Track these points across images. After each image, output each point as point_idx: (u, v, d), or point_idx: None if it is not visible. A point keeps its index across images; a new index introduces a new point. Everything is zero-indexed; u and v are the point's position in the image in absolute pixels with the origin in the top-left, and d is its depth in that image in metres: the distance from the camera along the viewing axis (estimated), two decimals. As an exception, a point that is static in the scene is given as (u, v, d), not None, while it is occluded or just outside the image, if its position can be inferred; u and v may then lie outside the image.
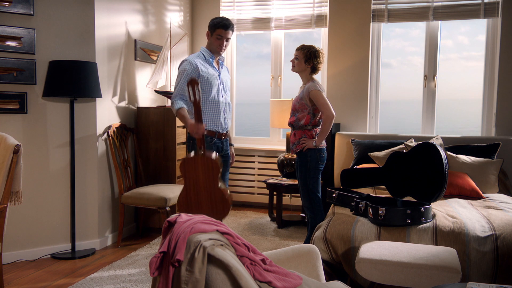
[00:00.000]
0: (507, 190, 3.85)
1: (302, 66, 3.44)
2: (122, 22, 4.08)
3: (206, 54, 3.19)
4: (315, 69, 3.45)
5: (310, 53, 3.40)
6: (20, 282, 3.09)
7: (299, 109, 3.43)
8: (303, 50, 3.42)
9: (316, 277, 1.94)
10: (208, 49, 3.22)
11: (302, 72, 3.47)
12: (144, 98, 4.50)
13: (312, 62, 3.41)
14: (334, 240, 2.81)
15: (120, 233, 3.90)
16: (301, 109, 3.42)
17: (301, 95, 3.43)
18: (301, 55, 3.43)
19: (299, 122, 3.43)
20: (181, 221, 1.51)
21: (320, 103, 3.34)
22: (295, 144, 3.48)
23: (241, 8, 5.24)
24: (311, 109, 3.41)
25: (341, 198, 3.33)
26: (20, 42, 3.40)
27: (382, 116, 4.99)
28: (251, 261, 1.53)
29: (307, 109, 3.41)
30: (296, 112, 3.46)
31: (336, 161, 4.64)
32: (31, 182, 3.52)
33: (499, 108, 4.42)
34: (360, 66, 4.83)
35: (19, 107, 3.44)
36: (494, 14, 4.42)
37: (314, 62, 3.41)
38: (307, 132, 3.45)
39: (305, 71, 3.46)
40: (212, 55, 3.20)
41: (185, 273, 1.33)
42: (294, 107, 3.48)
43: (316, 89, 3.34)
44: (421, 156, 3.20)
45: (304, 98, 3.40)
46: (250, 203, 5.32)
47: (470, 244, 2.61)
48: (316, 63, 3.42)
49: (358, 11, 4.78)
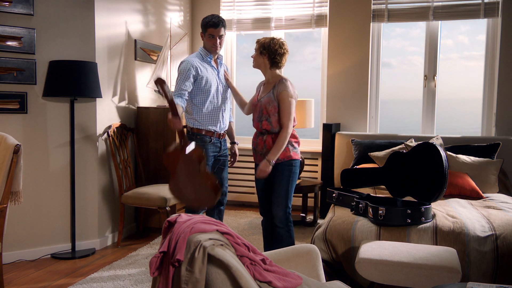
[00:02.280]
0: (507, 190, 3.85)
1: (259, 60, 3.00)
2: (122, 22, 4.08)
3: (204, 53, 3.19)
4: (274, 63, 2.96)
5: (264, 44, 2.97)
6: (20, 282, 3.09)
7: (272, 113, 2.93)
8: (258, 42, 3.03)
9: (316, 277, 1.93)
10: (205, 49, 3.21)
11: (260, 66, 3.02)
12: (144, 98, 4.50)
13: (267, 53, 2.94)
14: (334, 240, 2.81)
15: (120, 233, 3.90)
16: (273, 113, 2.93)
17: (270, 97, 2.94)
18: (256, 47, 3.04)
19: (275, 129, 2.95)
20: (181, 221, 1.51)
21: (284, 109, 2.88)
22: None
23: (241, 8, 5.24)
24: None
25: (341, 198, 3.33)
26: (20, 42, 3.40)
27: (382, 116, 4.99)
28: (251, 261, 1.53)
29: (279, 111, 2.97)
30: (268, 117, 2.94)
31: (336, 161, 4.64)
32: (31, 182, 3.52)
33: (499, 108, 4.42)
34: (360, 66, 4.83)
35: (19, 107, 3.44)
36: (494, 14, 4.42)
37: (269, 53, 2.94)
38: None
39: (263, 65, 3.00)
40: (209, 55, 3.20)
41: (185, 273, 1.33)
42: (265, 111, 2.95)
43: (287, 91, 2.89)
44: (421, 156, 3.20)
45: (275, 100, 2.93)
46: (250, 203, 5.32)
47: (470, 244, 2.61)
48: (272, 54, 2.93)
49: (358, 11, 4.78)
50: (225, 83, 3.28)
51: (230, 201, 5.24)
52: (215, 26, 3.09)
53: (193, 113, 3.14)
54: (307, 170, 5.00)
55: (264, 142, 2.97)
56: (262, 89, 3.07)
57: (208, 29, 3.11)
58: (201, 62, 3.14)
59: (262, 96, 3.01)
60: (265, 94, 2.99)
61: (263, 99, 2.98)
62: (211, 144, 3.15)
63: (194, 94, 3.12)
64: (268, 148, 2.93)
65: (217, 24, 3.10)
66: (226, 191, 3.34)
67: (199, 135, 3.14)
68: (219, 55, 3.28)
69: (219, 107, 3.19)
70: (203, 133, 3.14)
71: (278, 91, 2.90)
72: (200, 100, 3.12)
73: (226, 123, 3.28)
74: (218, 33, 3.12)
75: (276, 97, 2.91)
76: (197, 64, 3.10)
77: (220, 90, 3.21)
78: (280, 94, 2.89)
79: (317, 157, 5.01)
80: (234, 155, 3.41)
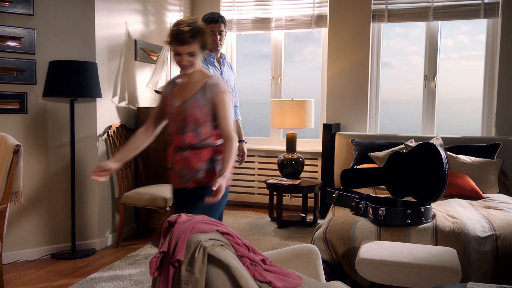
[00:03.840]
0: (507, 190, 3.85)
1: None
2: (122, 22, 4.08)
3: (206, 54, 3.19)
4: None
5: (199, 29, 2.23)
6: (20, 282, 3.09)
7: (202, 122, 2.21)
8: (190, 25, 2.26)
9: (316, 277, 1.94)
10: None
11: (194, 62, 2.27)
12: (144, 98, 4.50)
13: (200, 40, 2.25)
14: (334, 240, 2.81)
15: (120, 233, 3.90)
16: (205, 121, 2.22)
17: (199, 100, 2.22)
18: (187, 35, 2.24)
19: (204, 142, 2.23)
20: (181, 221, 1.51)
21: (226, 115, 2.21)
22: (201, 170, 2.23)
23: (241, 8, 5.25)
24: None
25: (341, 198, 3.33)
26: (20, 42, 3.40)
27: (382, 116, 5.00)
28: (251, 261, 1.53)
29: (212, 119, 2.23)
30: (196, 127, 2.21)
31: (336, 161, 4.64)
32: (31, 182, 3.52)
33: (499, 108, 4.42)
34: (360, 66, 4.83)
35: (19, 107, 3.44)
36: (494, 14, 4.42)
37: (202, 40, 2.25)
38: (218, 149, 2.27)
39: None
40: (212, 54, 3.20)
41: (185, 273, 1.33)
42: (192, 119, 2.21)
43: (226, 92, 2.24)
44: (421, 156, 3.20)
45: (208, 103, 2.22)
46: (250, 203, 5.32)
47: (470, 244, 2.61)
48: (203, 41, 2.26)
49: (358, 11, 4.78)
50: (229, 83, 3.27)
51: (230, 201, 5.24)
52: (214, 21, 3.10)
53: None
54: (307, 170, 5.00)
55: (185, 160, 2.24)
56: (179, 91, 2.30)
57: (208, 25, 3.12)
58: (203, 63, 3.14)
59: (184, 100, 2.25)
60: (189, 96, 2.25)
61: (187, 104, 2.23)
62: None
63: None
64: (191, 169, 2.23)
65: (216, 19, 3.11)
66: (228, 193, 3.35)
67: None
68: (222, 54, 3.27)
69: None
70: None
71: (214, 93, 2.21)
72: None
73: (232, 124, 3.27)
74: (218, 28, 3.12)
75: (211, 100, 2.21)
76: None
77: None
78: (216, 97, 2.21)
79: (317, 157, 5.01)
80: (243, 153, 3.41)
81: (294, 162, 4.57)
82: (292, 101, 4.52)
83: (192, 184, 2.25)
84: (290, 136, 4.63)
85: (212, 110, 2.22)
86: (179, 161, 2.27)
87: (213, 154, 2.25)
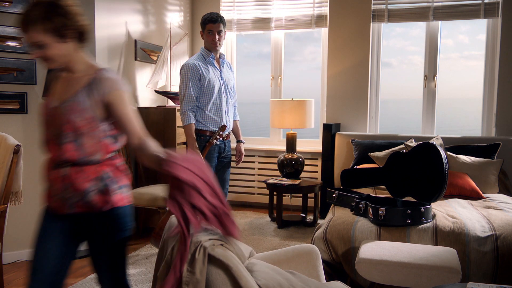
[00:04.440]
0: (507, 190, 3.85)
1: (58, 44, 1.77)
2: (122, 22, 4.08)
3: (205, 54, 3.19)
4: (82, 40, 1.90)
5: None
6: (20, 282, 3.09)
7: (86, 130, 1.67)
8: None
9: (316, 277, 1.94)
10: (206, 49, 3.21)
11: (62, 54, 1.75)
12: (144, 98, 4.50)
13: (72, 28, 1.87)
14: (334, 240, 2.81)
15: (120, 233, 3.90)
16: (89, 130, 1.67)
17: (82, 101, 1.67)
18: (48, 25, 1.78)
19: (90, 158, 1.69)
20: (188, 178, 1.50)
21: (129, 115, 1.74)
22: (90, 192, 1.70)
23: (241, 8, 5.24)
24: (107, 125, 1.72)
25: (341, 198, 3.33)
26: (20, 42, 3.40)
27: (382, 116, 5.00)
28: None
29: (99, 126, 1.69)
30: (77, 136, 1.67)
31: (336, 161, 4.64)
32: (31, 182, 3.52)
33: (499, 108, 4.42)
34: (360, 66, 4.83)
35: (19, 107, 3.44)
36: (494, 14, 4.42)
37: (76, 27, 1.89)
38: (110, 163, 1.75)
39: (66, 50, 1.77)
40: (211, 54, 3.20)
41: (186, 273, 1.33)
42: (71, 126, 1.66)
43: (122, 89, 1.74)
44: (421, 156, 3.20)
45: (96, 106, 1.68)
46: (250, 203, 5.32)
47: (470, 244, 2.61)
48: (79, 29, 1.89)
49: (358, 11, 4.78)
50: (228, 83, 3.27)
51: (230, 201, 5.24)
52: (213, 21, 3.10)
53: (197, 115, 3.14)
54: (307, 170, 5.00)
55: (64, 179, 1.70)
56: (60, 87, 1.77)
57: (207, 25, 3.12)
58: (203, 64, 3.14)
59: (62, 100, 1.71)
60: (68, 96, 1.70)
61: (65, 105, 1.68)
62: (215, 145, 3.16)
63: (198, 96, 3.12)
64: (75, 190, 1.69)
65: (215, 19, 3.11)
66: (227, 192, 3.35)
67: (203, 136, 3.15)
68: (221, 54, 3.27)
69: (222, 108, 3.19)
70: (207, 134, 3.15)
71: (105, 92, 1.68)
72: (203, 102, 3.12)
73: (230, 124, 3.28)
74: (217, 28, 3.12)
75: (100, 101, 1.67)
76: (198, 66, 3.10)
77: (223, 91, 3.21)
78: (109, 96, 1.68)
79: (317, 157, 5.01)
80: (240, 154, 3.41)
81: (294, 162, 4.57)
82: (292, 101, 4.52)
83: (80, 209, 1.72)
84: (290, 136, 4.63)
85: (103, 115, 1.68)
86: (57, 180, 1.72)
87: (103, 170, 1.71)
